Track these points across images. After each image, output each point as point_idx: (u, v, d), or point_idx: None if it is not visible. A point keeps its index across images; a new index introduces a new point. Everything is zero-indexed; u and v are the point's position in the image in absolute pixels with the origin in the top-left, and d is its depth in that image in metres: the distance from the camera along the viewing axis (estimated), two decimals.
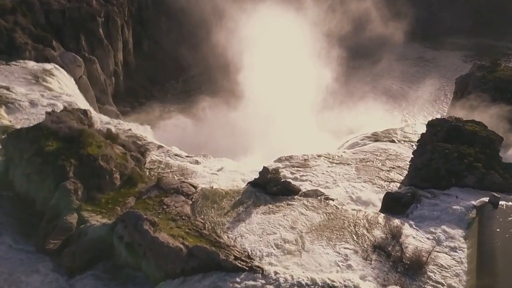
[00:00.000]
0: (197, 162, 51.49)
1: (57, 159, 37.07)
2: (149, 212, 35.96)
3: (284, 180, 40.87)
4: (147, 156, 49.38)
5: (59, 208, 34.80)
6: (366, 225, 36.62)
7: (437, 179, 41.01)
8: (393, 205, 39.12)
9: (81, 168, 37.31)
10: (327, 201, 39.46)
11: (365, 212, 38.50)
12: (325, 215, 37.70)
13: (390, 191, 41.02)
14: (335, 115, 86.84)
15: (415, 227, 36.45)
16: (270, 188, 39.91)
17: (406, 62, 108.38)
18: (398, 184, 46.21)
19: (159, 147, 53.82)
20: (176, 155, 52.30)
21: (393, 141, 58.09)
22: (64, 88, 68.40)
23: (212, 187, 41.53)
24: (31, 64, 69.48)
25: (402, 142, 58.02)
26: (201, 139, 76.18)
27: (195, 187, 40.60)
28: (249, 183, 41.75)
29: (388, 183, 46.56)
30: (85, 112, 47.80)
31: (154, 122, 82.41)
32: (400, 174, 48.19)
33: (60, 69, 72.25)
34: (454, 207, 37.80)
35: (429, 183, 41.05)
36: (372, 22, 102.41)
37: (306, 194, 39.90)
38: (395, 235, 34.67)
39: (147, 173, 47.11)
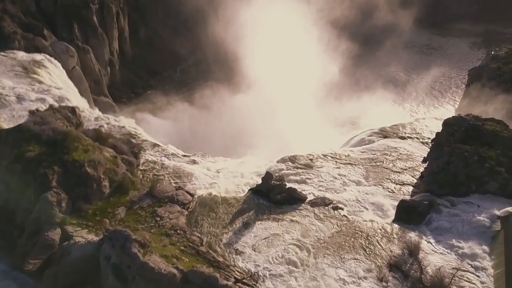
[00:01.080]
0: (194, 162, 47.62)
1: (39, 166, 33.20)
2: (141, 225, 32.35)
3: (289, 187, 37.05)
4: (140, 157, 45.58)
5: (40, 222, 31.11)
6: (380, 239, 32.95)
7: (456, 185, 37.24)
8: (408, 214, 35.39)
9: (65, 176, 33.46)
10: (336, 210, 35.75)
11: (378, 223, 34.81)
12: (334, 227, 34.01)
13: (404, 199, 37.16)
14: (339, 106, 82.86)
15: (433, 241, 32.83)
16: (274, 196, 36.15)
17: (413, 49, 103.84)
18: (411, 188, 42.42)
19: (154, 145, 49.91)
20: (172, 154, 48.44)
21: (402, 138, 54.13)
22: (55, 81, 64.18)
23: (210, 194, 37.75)
24: (20, 54, 65.05)
25: (412, 139, 54.05)
26: (200, 133, 72.40)
27: (191, 195, 36.84)
28: (250, 189, 37.95)
29: (399, 186, 42.72)
30: (73, 110, 43.88)
31: (151, 114, 78.40)
32: (412, 176, 44.33)
33: (52, 59, 67.93)
34: (476, 217, 34.15)
35: (447, 189, 37.28)
36: (378, 9, 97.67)
37: (314, 203, 36.17)
38: (413, 251, 31.02)
39: (141, 176, 43.27)
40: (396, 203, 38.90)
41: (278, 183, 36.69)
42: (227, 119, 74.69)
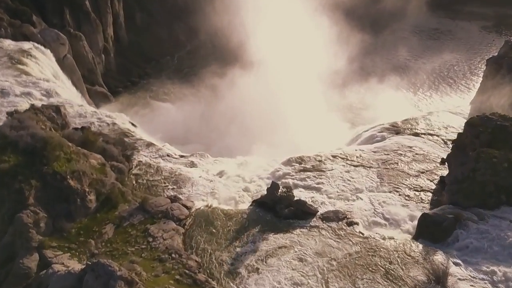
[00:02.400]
0: (192, 164, 43.21)
1: (14, 180, 28.74)
2: (130, 248, 28.13)
3: (297, 199, 32.71)
4: (133, 160, 41.25)
5: (15, 247, 26.85)
6: (402, 262, 28.76)
7: (484, 196, 32.85)
8: (432, 230, 31.14)
9: (44, 191, 29.07)
10: (351, 226, 31.49)
11: (397, 241, 30.60)
12: (350, 246, 29.79)
13: (427, 212, 32.79)
14: (345, 95, 77.94)
15: (462, 264, 28.60)
16: (281, 209, 31.85)
17: (421, 34, 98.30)
18: (430, 195, 38.10)
19: (149, 145, 45.47)
20: (168, 155, 44.04)
21: (416, 135, 49.58)
22: (44, 72, 59.38)
23: (209, 206, 33.42)
24: (7, 43, 59.97)
25: (427, 135, 49.52)
26: (199, 123, 67.85)
27: (188, 208, 32.57)
28: (254, 201, 33.59)
29: (417, 193, 38.35)
30: (57, 109, 39.22)
31: (147, 105, 73.71)
32: (430, 181, 39.97)
33: (41, 48, 62.97)
34: (509, 236, 29.92)
35: (474, 201, 32.90)
36: None
37: (325, 218, 31.87)
38: (440, 277, 26.87)
39: (134, 181, 39.09)
40: (415, 213, 34.83)
41: (285, 194, 32.34)
42: (227, 110, 70.08)
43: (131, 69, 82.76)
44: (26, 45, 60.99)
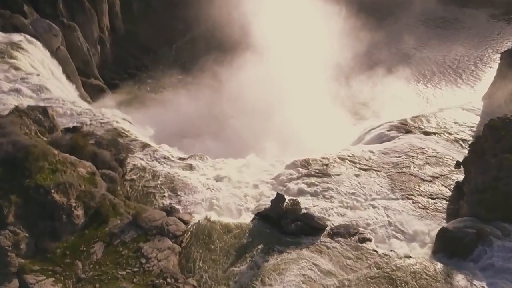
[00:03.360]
0: (191, 168, 40.15)
1: None
2: (121, 271, 25.21)
3: (305, 212, 29.70)
4: (127, 164, 38.23)
5: None
6: (420, 284, 25.88)
7: (508, 209, 29.82)
8: (452, 247, 28.22)
9: (26, 207, 25.99)
10: (364, 243, 28.53)
11: (415, 260, 27.67)
12: (363, 267, 26.89)
13: (446, 227, 29.74)
14: (351, 86, 74.45)
15: (487, 287, 25.76)
16: (287, 224, 28.83)
17: (427, 23, 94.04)
18: (445, 203, 35.10)
19: (145, 146, 42.31)
20: (165, 158, 40.92)
21: (427, 133, 46.40)
22: (35, 65, 55.99)
23: (208, 219, 30.34)
24: None
25: (439, 134, 46.36)
26: (198, 117, 64.55)
27: (186, 222, 29.59)
28: (258, 214, 30.56)
29: (432, 201, 35.33)
30: (44, 110, 35.98)
31: (145, 98, 70.30)
32: (445, 187, 36.93)
33: (32, 40, 59.41)
34: None
35: (497, 213, 29.87)
36: None
37: (336, 233, 28.88)
38: None
39: (128, 188, 36.15)
40: (432, 225, 32.01)
41: (291, 207, 29.30)
42: (227, 103, 66.81)
43: (128, 60, 79.00)
44: (16, 37, 57.40)
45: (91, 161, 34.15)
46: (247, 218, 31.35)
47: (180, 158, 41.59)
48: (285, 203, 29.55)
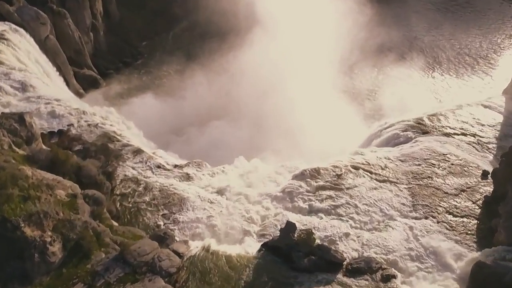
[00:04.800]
0: (188, 178, 35.62)
1: None
2: None
3: (320, 244, 25.22)
4: (117, 176, 33.70)
5: None
6: None
7: None
8: (490, 285, 23.83)
9: None
10: (389, 281, 24.14)
11: None
12: None
13: (482, 261, 25.23)
14: (355, 76, 69.46)
15: None
16: (299, 258, 24.36)
17: (436, 6, 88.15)
18: (475, 223, 30.62)
19: (138, 152, 37.67)
20: (159, 167, 36.31)
21: (447, 135, 41.73)
22: (21, 58, 50.94)
23: (208, 249, 25.90)
24: None
25: (460, 136, 41.66)
26: (196, 112, 59.73)
27: (181, 255, 25.14)
28: (265, 245, 26.04)
29: (460, 219, 30.83)
30: (21, 118, 31.20)
31: (140, 90, 65.29)
32: (473, 202, 32.41)
33: (18, 29, 54.31)
34: None
35: None
36: None
37: (355, 269, 24.42)
38: None
39: (117, 205, 31.67)
40: (463, 252, 27.63)
41: (304, 238, 24.81)
42: (227, 97, 61.94)
43: (123, 48, 73.60)
44: (1, 26, 52.32)
45: (75, 176, 29.81)
46: (252, 246, 26.89)
47: (176, 166, 37.04)
48: (296, 233, 25.05)
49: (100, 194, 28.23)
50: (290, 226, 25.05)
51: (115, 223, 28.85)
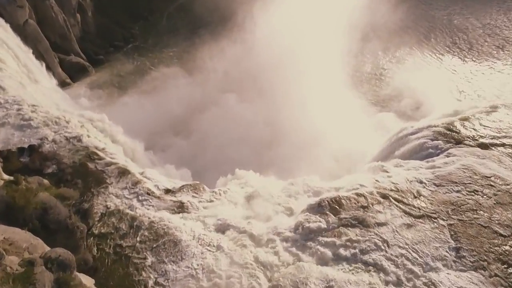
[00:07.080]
0: (182, 208, 28.88)
1: None
2: None
3: None
4: (95, 209, 26.99)
5: None
6: None
7: None
8: None
9: None
10: None
11: None
12: None
13: None
14: (373, 62, 61.74)
15: None
16: None
17: None
18: None
19: (123, 173, 30.79)
20: (148, 193, 29.49)
21: (485, 147, 34.59)
22: None
23: None
24: None
25: (501, 148, 34.58)
26: (194, 109, 52.73)
27: None
28: None
29: None
30: None
31: (132, 78, 57.86)
32: None
33: None
34: None
35: None
36: None
37: None
38: None
39: (95, 250, 25.14)
40: None
41: None
42: (227, 93, 54.79)
43: (114, 30, 65.61)
44: None
45: (39, 223, 23.01)
46: None
47: (168, 192, 30.22)
48: None
49: (68, 254, 21.24)
50: None
51: (89, 285, 22.28)
